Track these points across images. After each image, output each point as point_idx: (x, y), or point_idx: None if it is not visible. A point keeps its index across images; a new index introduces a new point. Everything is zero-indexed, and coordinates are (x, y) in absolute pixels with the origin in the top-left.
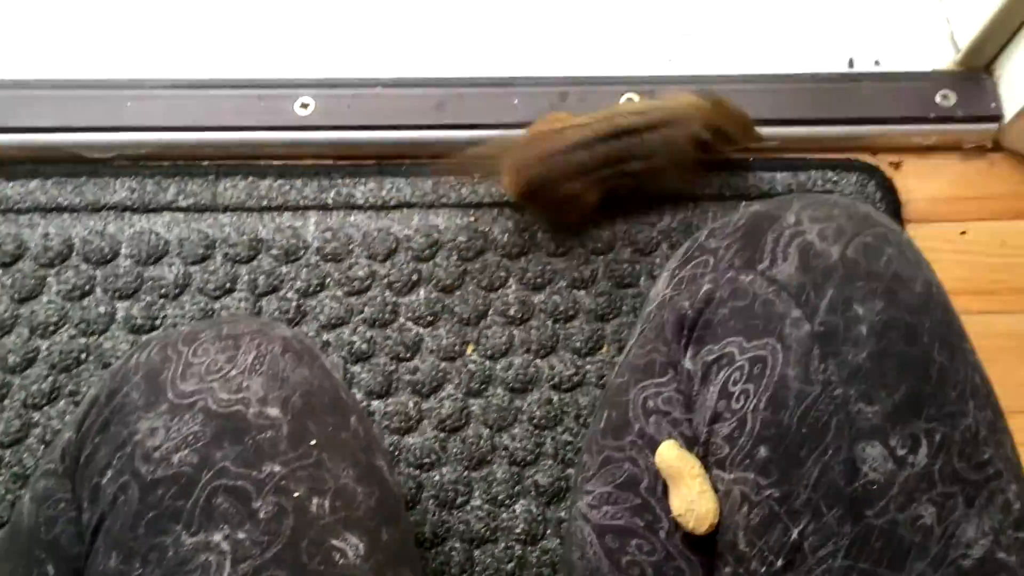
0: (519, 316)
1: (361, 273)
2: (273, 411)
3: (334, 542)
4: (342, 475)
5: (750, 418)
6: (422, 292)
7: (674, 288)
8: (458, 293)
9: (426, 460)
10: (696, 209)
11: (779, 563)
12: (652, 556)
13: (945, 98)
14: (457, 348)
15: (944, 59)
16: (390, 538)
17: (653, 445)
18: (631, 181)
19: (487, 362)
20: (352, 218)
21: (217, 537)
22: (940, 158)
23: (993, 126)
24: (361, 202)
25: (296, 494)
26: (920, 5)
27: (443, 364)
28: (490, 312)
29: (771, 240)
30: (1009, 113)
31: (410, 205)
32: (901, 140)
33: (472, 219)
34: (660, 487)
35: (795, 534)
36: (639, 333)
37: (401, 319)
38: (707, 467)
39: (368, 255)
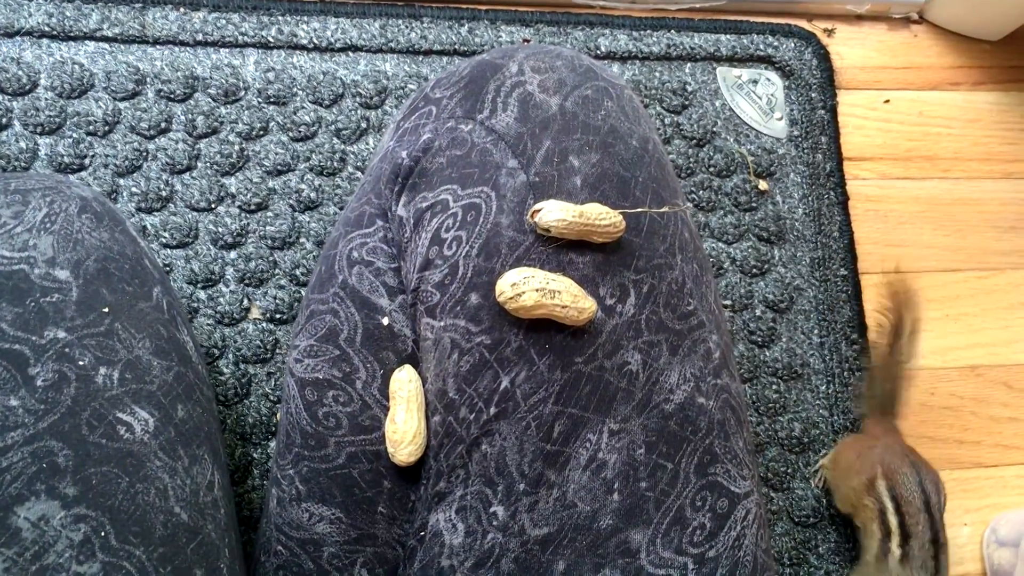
0: None
1: (307, 118)
2: (62, 273)
3: (120, 415)
4: (136, 346)
5: (462, 264)
6: (370, 141)
7: (397, 140)
8: None
9: None
10: (642, 67)
11: (491, 411)
12: (347, 407)
13: None
14: None
15: None
16: (187, 415)
17: (355, 296)
18: None
19: None
20: (295, 59)
21: None
22: (869, 27)
23: None
24: (305, 42)
25: (81, 363)
26: None
27: None
28: None
29: (492, 89)
30: None
31: (356, 48)
32: (835, 7)
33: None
34: (360, 338)
35: (506, 382)
36: (360, 186)
37: (350, 168)
38: (416, 315)
39: (313, 99)
